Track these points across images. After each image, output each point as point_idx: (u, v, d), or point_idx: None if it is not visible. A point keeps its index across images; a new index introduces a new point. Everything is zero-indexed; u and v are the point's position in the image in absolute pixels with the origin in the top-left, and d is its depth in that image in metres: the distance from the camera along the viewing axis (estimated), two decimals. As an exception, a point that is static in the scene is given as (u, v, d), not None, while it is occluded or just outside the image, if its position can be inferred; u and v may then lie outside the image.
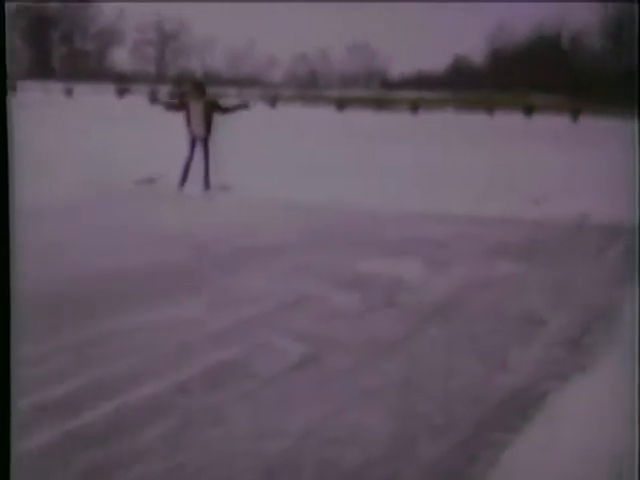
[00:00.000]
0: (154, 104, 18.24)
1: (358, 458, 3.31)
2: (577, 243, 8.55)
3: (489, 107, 52.66)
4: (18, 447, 2.69)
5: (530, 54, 71.67)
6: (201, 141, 12.01)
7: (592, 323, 5.43)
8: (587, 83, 60.01)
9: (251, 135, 22.91)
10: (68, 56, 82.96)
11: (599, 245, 8.39)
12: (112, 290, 5.87)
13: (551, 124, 40.32)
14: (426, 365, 4.48)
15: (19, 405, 2.86)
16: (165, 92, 50.03)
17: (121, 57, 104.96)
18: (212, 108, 12.09)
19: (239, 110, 12.69)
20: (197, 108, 11.97)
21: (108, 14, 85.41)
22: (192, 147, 12.03)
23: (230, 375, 4.19)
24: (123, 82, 65.21)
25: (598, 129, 34.76)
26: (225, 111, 12.30)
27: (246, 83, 72.42)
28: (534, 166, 16.61)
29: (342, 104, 55.60)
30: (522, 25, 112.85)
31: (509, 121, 43.61)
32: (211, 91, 12.81)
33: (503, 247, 8.08)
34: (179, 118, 12.21)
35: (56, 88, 56.09)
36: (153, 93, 53.12)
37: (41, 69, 72.06)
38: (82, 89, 57.39)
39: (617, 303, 5.93)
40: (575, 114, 47.88)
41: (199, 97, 12.10)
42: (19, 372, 2.59)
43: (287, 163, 15.43)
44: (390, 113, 51.91)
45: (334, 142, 23.16)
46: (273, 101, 55.93)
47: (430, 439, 3.50)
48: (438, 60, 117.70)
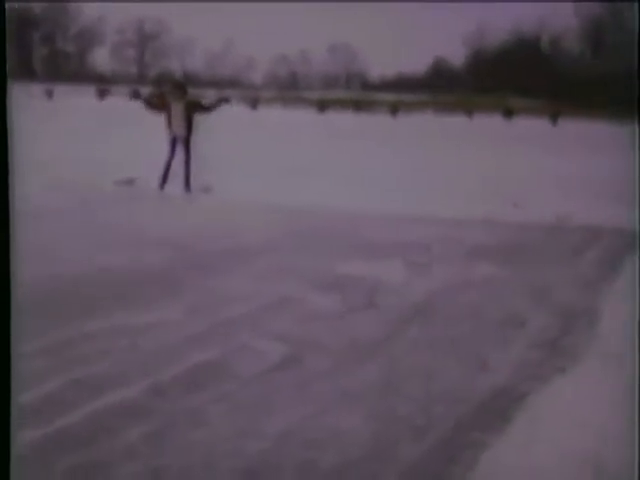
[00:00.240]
0: (135, 99, 18.08)
1: (338, 459, 3.31)
2: (556, 245, 8.60)
3: (468, 110, 52.88)
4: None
5: (510, 57, 72.09)
6: (182, 142, 11.92)
7: (571, 325, 5.46)
8: (566, 86, 60.41)
9: (232, 136, 22.89)
10: (49, 57, 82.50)
11: (578, 247, 8.44)
12: (92, 292, 5.84)
13: (530, 127, 40.52)
14: (406, 366, 4.49)
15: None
16: (146, 93, 49.80)
17: (102, 58, 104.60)
18: (193, 108, 12.02)
19: (220, 105, 12.62)
20: (178, 108, 11.90)
21: (88, 14, 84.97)
22: (172, 148, 11.93)
23: (211, 376, 4.18)
24: (104, 83, 64.91)
25: (577, 132, 35.03)
26: (207, 109, 12.25)
27: (226, 84, 72.28)
28: (514, 169, 16.69)
29: (323, 106, 55.67)
30: (502, 28, 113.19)
31: (489, 124, 43.79)
32: (191, 92, 12.74)
33: (483, 249, 8.11)
34: (160, 119, 12.15)
35: (37, 90, 55.68)
36: (135, 91, 52.83)
37: (22, 71, 71.50)
38: (63, 90, 57.06)
39: (596, 304, 5.98)
40: (554, 117, 48.17)
41: (180, 97, 12.05)
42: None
43: (268, 165, 15.42)
44: (370, 115, 52.00)
45: (315, 144, 23.17)
46: (254, 103, 55.87)
47: (410, 440, 3.51)
48: (418, 62, 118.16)
